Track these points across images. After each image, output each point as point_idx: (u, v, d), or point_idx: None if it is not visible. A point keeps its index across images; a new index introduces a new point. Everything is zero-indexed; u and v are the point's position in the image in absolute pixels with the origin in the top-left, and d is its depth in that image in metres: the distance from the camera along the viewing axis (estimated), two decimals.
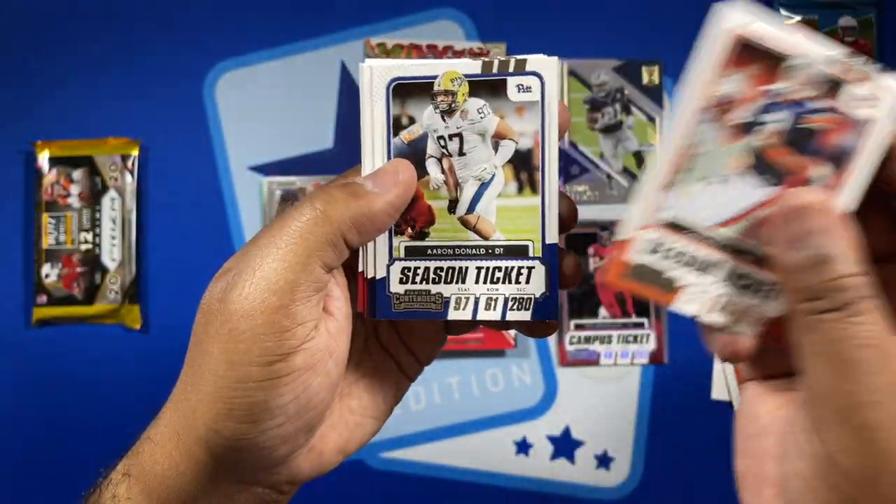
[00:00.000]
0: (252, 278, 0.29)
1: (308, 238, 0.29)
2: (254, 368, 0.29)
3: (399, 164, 0.32)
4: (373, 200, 0.30)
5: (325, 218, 0.29)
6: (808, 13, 0.84)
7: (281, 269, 0.29)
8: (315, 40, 0.84)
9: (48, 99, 0.83)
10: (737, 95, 0.26)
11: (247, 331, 0.29)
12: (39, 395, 0.81)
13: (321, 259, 0.29)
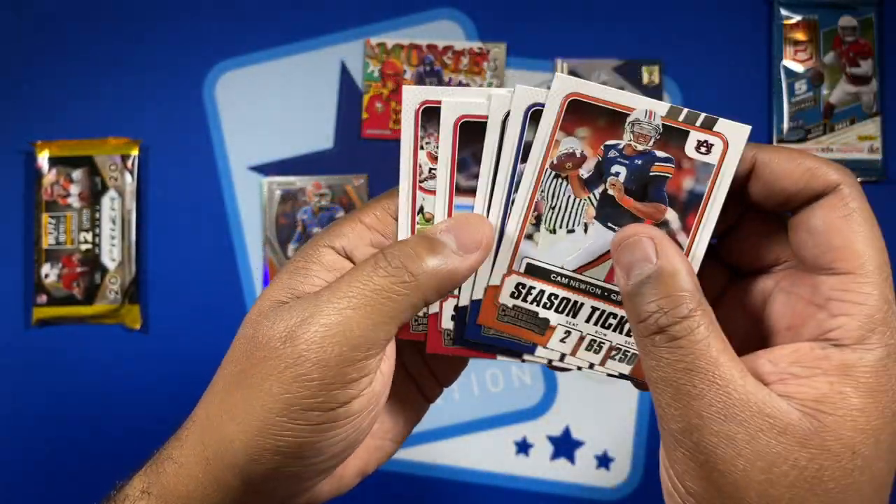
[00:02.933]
0: (330, 327, 0.29)
1: (395, 300, 0.29)
2: (314, 413, 0.29)
3: (480, 221, 0.31)
4: (458, 265, 0.30)
5: (414, 283, 0.29)
6: (808, 13, 0.84)
7: (363, 325, 0.29)
8: (315, 40, 0.84)
9: (48, 99, 0.83)
10: (578, 152, 0.28)
11: (316, 379, 0.28)
12: (39, 395, 0.81)
13: (402, 321, 0.30)
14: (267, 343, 0.30)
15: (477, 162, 0.30)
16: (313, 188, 0.82)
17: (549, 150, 0.29)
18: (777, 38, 0.84)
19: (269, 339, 0.30)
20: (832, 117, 0.84)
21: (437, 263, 0.30)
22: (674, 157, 0.28)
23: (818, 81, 0.84)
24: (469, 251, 0.30)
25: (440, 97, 0.29)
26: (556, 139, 0.29)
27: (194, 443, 0.31)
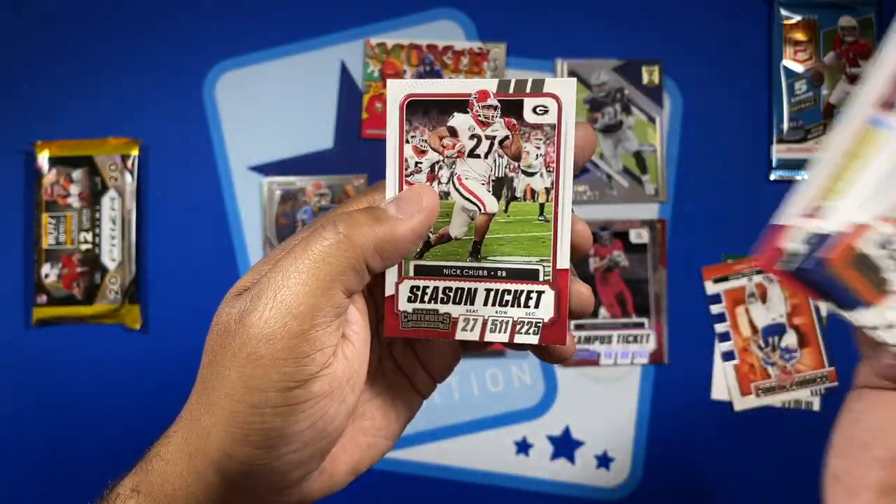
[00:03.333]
0: (272, 301, 0.28)
1: (331, 263, 0.29)
2: (272, 394, 0.28)
3: (423, 189, 0.31)
4: (396, 226, 0.30)
5: (348, 242, 0.29)
6: (807, 13, 0.84)
7: (302, 293, 0.28)
8: (315, 40, 0.84)
9: (48, 99, 0.83)
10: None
11: (266, 355, 0.28)
12: (39, 395, 0.81)
13: (343, 284, 0.29)
14: (225, 329, 0.30)
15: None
16: (313, 188, 0.82)
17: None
18: (777, 38, 0.84)
19: (226, 324, 0.30)
20: (832, 117, 0.84)
21: (374, 225, 0.30)
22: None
23: (818, 81, 0.84)
24: (409, 215, 0.30)
25: (423, 89, 0.30)
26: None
27: (179, 440, 0.31)
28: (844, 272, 0.29)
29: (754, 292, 0.78)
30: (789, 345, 0.79)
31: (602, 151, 0.83)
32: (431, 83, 0.30)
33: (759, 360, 0.78)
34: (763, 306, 0.78)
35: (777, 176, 0.83)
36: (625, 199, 0.83)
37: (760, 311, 0.78)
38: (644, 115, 0.83)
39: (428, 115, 0.31)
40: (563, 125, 0.30)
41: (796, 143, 0.83)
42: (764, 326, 0.78)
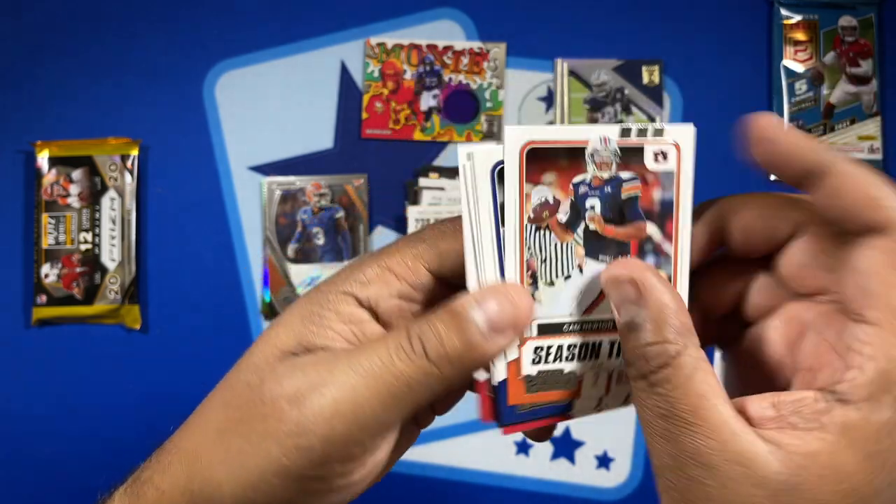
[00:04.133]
0: (340, 403, 0.27)
1: (413, 389, 0.27)
2: (310, 482, 0.28)
3: (520, 297, 0.28)
4: (486, 349, 0.27)
5: (436, 373, 0.27)
6: (808, 13, 0.84)
7: (376, 409, 0.27)
8: (315, 40, 0.84)
9: (48, 99, 0.83)
10: (551, 199, 0.28)
11: (318, 453, 0.27)
12: (39, 395, 0.81)
13: (419, 406, 0.28)
14: (273, 401, 0.28)
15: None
16: (313, 188, 0.82)
17: (522, 206, 0.28)
18: (777, 37, 0.84)
19: (275, 397, 0.28)
20: (832, 117, 0.84)
21: (463, 350, 0.27)
22: (637, 174, 0.29)
23: (818, 81, 0.84)
24: (499, 331, 0.27)
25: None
26: (527, 193, 0.28)
27: (179, 473, 0.30)
28: (535, 398, 0.30)
29: None
30: None
31: None
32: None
33: None
34: None
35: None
36: None
37: None
38: (644, 115, 0.84)
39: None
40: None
41: None
42: None
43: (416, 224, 0.79)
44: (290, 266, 0.81)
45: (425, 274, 0.30)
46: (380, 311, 0.30)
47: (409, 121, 0.83)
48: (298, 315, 0.30)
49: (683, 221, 0.29)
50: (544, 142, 0.27)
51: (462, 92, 0.83)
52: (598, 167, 0.28)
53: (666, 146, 0.29)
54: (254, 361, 0.30)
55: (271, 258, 0.81)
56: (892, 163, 0.84)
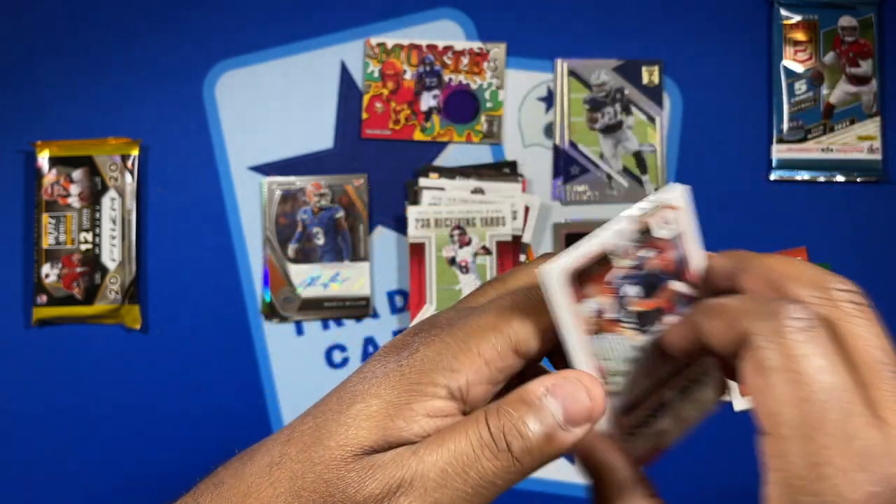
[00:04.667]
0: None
1: (497, 486, 0.27)
2: None
3: (592, 386, 0.28)
4: (564, 442, 0.27)
5: (518, 468, 0.27)
6: (808, 13, 0.84)
7: (446, 494, 0.27)
8: (315, 40, 0.84)
9: (48, 99, 0.83)
10: (599, 306, 0.29)
11: None
12: (39, 395, 0.81)
13: (493, 498, 0.28)
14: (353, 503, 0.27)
15: None
16: (313, 188, 0.82)
17: (577, 329, 0.29)
18: (777, 38, 0.84)
19: (357, 500, 0.27)
20: (832, 117, 0.84)
21: (542, 444, 0.27)
22: (653, 247, 0.31)
23: (818, 81, 0.84)
24: (576, 424, 0.27)
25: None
26: (577, 312, 0.29)
27: None
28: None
29: None
30: None
31: (602, 151, 0.83)
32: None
33: None
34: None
35: (777, 176, 0.83)
36: (625, 199, 0.83)
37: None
38: (644, 115, 0.84)
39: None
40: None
41: (796, 143, 0.83)
42: None
43: (416, 224, 0.79)
44: (290, 266, 0.81)
45: (512, 356, 0.29)
46: (468, 399, 0.29)
47: (409, 121, 0.83)
48: (383, 404, 0.29)
49: (697, 268, 0.32)
50: (575, 267, 0.28)
51: (462, 92, 0.83)
52: (623, 258, 0.30)
53: (667, 213, 0.31)
54: (330, 455, 0.28)
55: (271, 258, 0.82)
56: (891, 163, 0.84)
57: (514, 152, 0.83)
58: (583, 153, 0.83)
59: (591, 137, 0.83)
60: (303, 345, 0.82)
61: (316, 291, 0.81)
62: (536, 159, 0.83)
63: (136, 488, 0.81)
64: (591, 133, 0.83)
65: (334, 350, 0.81)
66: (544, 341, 0.30)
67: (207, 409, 0.81)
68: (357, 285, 0.81)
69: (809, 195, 0.83)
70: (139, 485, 0.81)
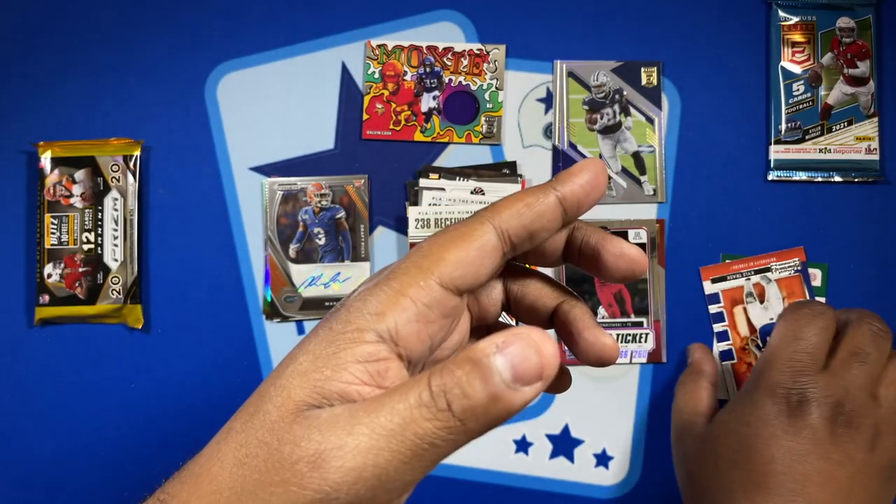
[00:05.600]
0: (363, 468, 0.26)
1: (438, 446, 0.26)
2: None
3: (545, 344, 0.26)
4: (511, 402, 0.26)
5: (461, 428, 0.26)
6: (805, 14, 0.85)
7: (400, 469, 0.26)
8: (316, 41, 0.84)
9: (50, 100, 0.84)
10: None
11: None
12: (41, 395, 0.82)
13: (441, 460, 0.27)
14: (292, 465, 0.27)
15: None
16: (314, 189, 0.82)
17: None
18: (775, 39, 0.85)
19: (294, 459, 0.27)
20: (830, 118, 0.84)
21: (486, 403, 0.26)
22: None
23: (816, 82, 0.84)
24: (526, 384, 0.26)
25: None
26: None
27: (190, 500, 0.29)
28: None
29: (752, 292, 0.78)
30: None
31: (601, 152, 0.84)
32: None
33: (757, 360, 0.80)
34: (761, 306, 0.77)
35: (775, 176, 0.84)
36: (624, 200, 0.83)
37: (758, 310, 0.78)
38: (643, 116, 0.84)
39: None
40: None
41: (794, 144, 0.84)
42: (762, 326, 0.77)
43: (416, 224, 0.80)
44: (291, 266, 0.82)
45: (438, 289, 0.29)
46: (399, 339, 0.29)
47: (410, 122, 0.83)
48: (311, 358, 0.29)
49: None
50: None
51: (462, 93, 0.84)
52: None
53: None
54: (268, 419, 0.29)
55: (273, 258, 0.82)
56: (888, 163, 0.84)
57: (514, 153, 0.84)
58: (582, 154, 0.84)
59: (590, 138, 0.84)
60: None
61: (317, 291, 0.81)
62: (536, 160, 0.83)
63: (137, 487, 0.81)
64: (590, 134, 0.84)
65: None
66: (474, 272, 0.30)
67: (209, 408, 0.81)
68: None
69: (807, 196, 0.84)
70: (140, 484, 0.81)
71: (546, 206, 0.31)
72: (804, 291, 0.70)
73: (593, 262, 0.34)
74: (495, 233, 0.31)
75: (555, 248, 0.35)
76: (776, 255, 0.77)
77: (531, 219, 0.31)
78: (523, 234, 0.31)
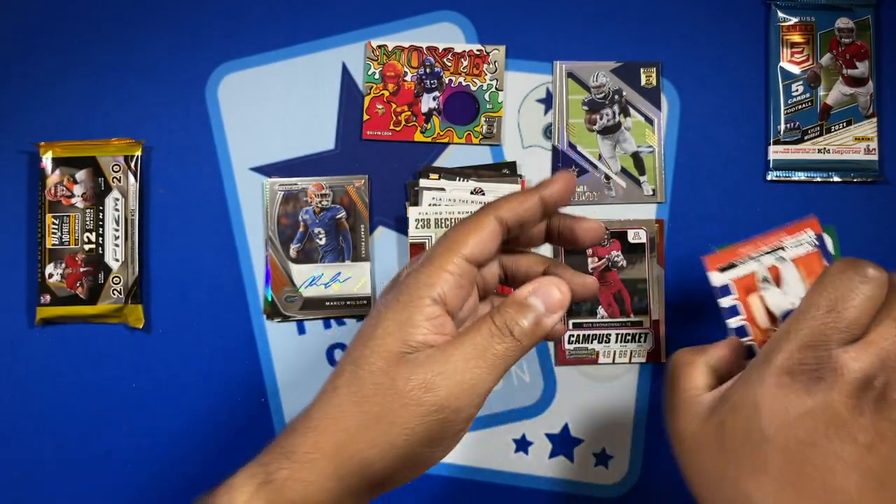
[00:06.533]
0: (463, 383, 0.40)
1: (507, 359, 0.42)
2: (447, 441, 0.42)
3: (560, 285, 0.44)
4: (547, 324, 0.42)
5: (521, 346, 0.42)
6: (804, 15, 0.85)
7: (488, 380, 0.41)
8: (316, 42, 0.85)
9: (51, 100, 0.84)
10: None
11: (452, 422, 0.41)
12: (42, 394, 0.82)
13: (506, 366, 0.42)
14: (408, 392, 0.39)
15: None
16: (315, 189, 0.82)
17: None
18: (774, 39, 0.85)
19: (410, 388, 0.39)
20: (829, 118, 0.84)
21: (533, 327, 0.41)
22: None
23: (815, 83, 0.85)
24: (553, 311, 0.42)
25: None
26: None
27: (325, 465, 0.40)
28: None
29: (767, 276, 0.65)
30: None
31: (601, 153, 0.84)
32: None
33: None
34: (779, 291, 0.64)
35: (774, 177, 0.84)
36: (623, 200, 0.84)
37: (777, 296, 0.64)
38: (642, 117, 0.84)
39: None
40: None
41: (793, 145, 0.84)
42: (783, 312, 0.64)
43: (416, 224, 0.80)
44: (291, 266, 0.82)
45: (465, 263, 0.43)
46: (447, 301, 0.43)
47: (410, 122, 0.83)
48: (394, 323, 0.42)
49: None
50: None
51: (462, 94, 0.84)
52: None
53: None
54: (377, 367, 0.40)
55: (273, 258, 0.82)
56: (887, 163, 0.84)
57: (514, 153, 0.84)
58: (581, 154, 0.84)
59: (590, 139, 0.84)
60: (304, 344, 0.82)
61: (317, 291, 0.82)
62: (536, 160, 0.84)
63: (138, 487, 0.81)
64: (590, 134, 0.84)
65: (336, 349, 0.82)
66: (487, 249, 0.44)
67: (210, 407, 0.82)
68: (358, 285, 0.81)
69: (806, 196, 0.84)
70: (140, 483, 0.81)
71: (532, 203, 0.46)
72: (824, 267, 0.58)
73: (570, 238, 0.50)
74: (497, 222, 0.45)
75: (538, 232, 0.51)
76: (787, 230, 0.64)
77: (521, 212, 0.46)
78: (516, 223, 0.46)
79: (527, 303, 0.42)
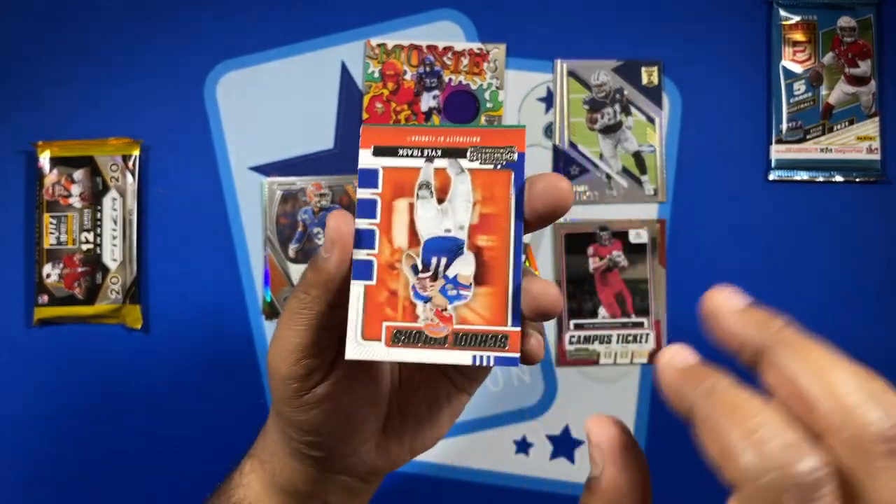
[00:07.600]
0: (275, 343, 0.39)
1: (304, 313, 0.37)
2: (294, 399, 0.40)
3: (339, 219, 0.36)
4: (328, 268, 0.36)
5: (309, 297, 0.37)
6: (806, 14, 0.85)
7: (291, 334, 0.38)
8: (315, 41, 0.84)
9: (49, 99, 0.84)
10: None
11: (276, 378, 0.39)
12: (40, 395, 0.81)
13: (320, 324, 0.37)
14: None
15: None
16: (314, 188, 0.82)
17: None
18: (776, 38, 0.84)
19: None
20: (831, 118, 0.84)
21: (313, 274, 0.36)
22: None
23: (817, 82, 0.84)
24: (329, 251, 0.35)
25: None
26: None
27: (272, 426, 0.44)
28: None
29: (430, 182, 0.41)
30: (460, 275, 0.41)
31: (602, 152, 0.84)
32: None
33: (408, 289, 0.40)
34: (438, 206, 0.41)
35: (776, 176, 0.84)
36: (624, 200, 0.83)
37: (432, 210, 0.41)
38: (643, 116, 0.84)
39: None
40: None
41: (795, 144, 0.83)
42: (429, 238, 0.41)
43: None
44: (290, 266, 0.82)
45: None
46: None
47: (410, 121, 0.83)
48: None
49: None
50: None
51: (462, 92, 0.83)
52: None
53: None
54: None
55: (272, 258, 0.82)
56: (889, 163, 0.84)
57: None
58: (582, 153, 0.83)
59: (591, 138, 0.84)
60: None
61: None
62: (536, 159, 0.83)
63: (137, 487, 0.81)
64: (591, 133, 0.84)
65: None
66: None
67: (208, 408, 0.81)
68: None
69: (808, 195, 0.84)
70: (139, 483, 0.81)
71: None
72: (510, 206, 0.41)
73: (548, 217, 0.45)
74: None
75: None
76: (483, 133, 0.41)
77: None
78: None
79: (317, 251, 0.38)
